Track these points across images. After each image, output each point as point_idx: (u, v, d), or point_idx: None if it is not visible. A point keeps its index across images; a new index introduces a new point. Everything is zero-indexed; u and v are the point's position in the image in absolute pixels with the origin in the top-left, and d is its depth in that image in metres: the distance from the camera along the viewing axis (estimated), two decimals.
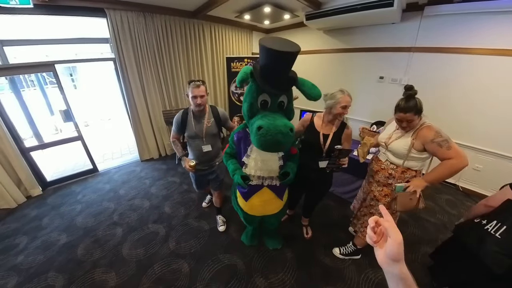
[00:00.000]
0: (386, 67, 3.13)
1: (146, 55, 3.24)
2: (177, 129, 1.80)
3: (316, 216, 2.36)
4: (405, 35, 2.84)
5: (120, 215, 2.51)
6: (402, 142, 1.38)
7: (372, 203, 1.61)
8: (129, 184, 3.15)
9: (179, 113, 1.78)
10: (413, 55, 2.84)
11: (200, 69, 4.00)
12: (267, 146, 1.13)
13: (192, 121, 1.75)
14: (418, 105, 1.25)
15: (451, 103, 2.72)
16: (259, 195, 1.52)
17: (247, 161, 1.41)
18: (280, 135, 1.08)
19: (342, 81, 3.70)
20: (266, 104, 1.22)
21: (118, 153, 4.32)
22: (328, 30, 3.67)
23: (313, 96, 1.23)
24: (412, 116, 1.27)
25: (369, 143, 1.67)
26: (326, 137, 1.59)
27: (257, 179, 1.45)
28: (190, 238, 2.17)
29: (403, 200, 1.35)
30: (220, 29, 4.02)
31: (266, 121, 1.10)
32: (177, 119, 1.77)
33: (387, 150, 1.50)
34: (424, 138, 1.28)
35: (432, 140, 1.25)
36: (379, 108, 3.37)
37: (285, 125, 1.10)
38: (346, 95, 1.48)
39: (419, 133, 1.31)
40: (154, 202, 2.74)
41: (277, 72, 1.15)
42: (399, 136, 1.42)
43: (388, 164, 1.50)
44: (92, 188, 3.07)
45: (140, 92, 3.36)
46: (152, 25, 3.17)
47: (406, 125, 1.33)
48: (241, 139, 1.43)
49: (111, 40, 2.90)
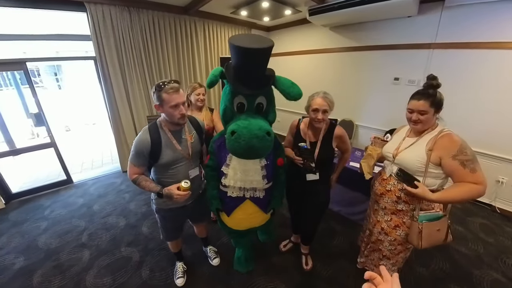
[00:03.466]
0: (402, 67, 3.05)
1: (131, 55, 3.22)
2: (144, 160, 1.34)
3: (318, 242, 2.20)
4: (424, 29, 2.76)
5: (90, 235, 2.41)
6: (415, 153, 1.22)
7: (380, 238, 1.44)
8: (105, 198, 3.08)
9: (144, 135, 1.31)
10: (434, 53, 2.74)
11: (192, 71, 3.99)
12: (242, 153, 1.15)
13: (171, 141, 1.37)
14: (438, 97, 1.14)
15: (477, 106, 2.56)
16: (242, 209, 1.51)
17: (226, 170, 1.39)
18: (255, 139, 1.09)
19: (351, 83, 3.64)
20: (242, 107, 1.24)
21: (99, 162, 4.28)
22: (335, 27, 3.63)
23: (292, 95, 1.23)
24: (426, 106, 1.14)
25: (375, 153, 1.46)
26: (314, 145, 1.52)
27: (238, 191, 1.43)
28: (167, 267, 2.02)
29: (430, 232, 1.19)
30: (215, 26, 4.03)
31: (240, 124, 1.12)
32: (144, 146, 1.30)
33: (393, 164, 1.33)
34: (444, 150, 1.12)
35: (454, 156, 1.09)
36: (394, 114, 3.26)
37: (260, 128, 1.11)
38: (318, 97, 1.41)
39: (437, 141, 1.15)
40: (132, 220, 2.64)
41: (249, 71, 1.17)
42: (410, 145, 1.26)
43: (395, 184, 1.32)
44: (62, 202, 2.99)
45: (124, 95, 3.33)
46: (138, 22, 3.16)
47: (417, 119, 1.19)
48: (220, 147, 1.42)
49: (92, 37, 2.89)
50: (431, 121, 1.19)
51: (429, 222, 1.19)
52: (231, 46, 1.10)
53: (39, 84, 7.47)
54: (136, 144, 1.31)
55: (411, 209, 1.29)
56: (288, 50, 4.48)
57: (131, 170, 1.37)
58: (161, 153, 1.33)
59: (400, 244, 1.36)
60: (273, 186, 1.52)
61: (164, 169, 1.40)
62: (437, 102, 1.14)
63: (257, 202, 1.49)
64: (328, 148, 1.51)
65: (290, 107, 4.71)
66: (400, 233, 1.34)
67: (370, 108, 3.48)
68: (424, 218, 1.21)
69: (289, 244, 2.19)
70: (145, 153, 1.31)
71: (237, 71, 1.18)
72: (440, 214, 1.22)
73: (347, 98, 3.68)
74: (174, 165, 1.40)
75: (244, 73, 1.18)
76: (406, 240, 1.33)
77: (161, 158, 1.34)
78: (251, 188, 1.43)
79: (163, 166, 1.38)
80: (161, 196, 1.34)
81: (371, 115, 3.49)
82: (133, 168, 1.36)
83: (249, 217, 1.55)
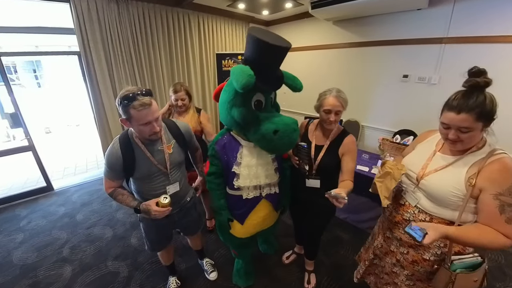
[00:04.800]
0: (412, 64, 3.02)
1: (119, 50, 3.14)
2: (118, 174, 1.30)
3: (324, 252, 2.16)
4: (435, 23, 2.72)
5: (73, 249, 2.32)
6: (450, 179, 0.95)
7: (395, 270, 1.24)
8: (90, 207, 2.99)
9: (114, 149, 1.25)
10: (446, 48, 2.71)
11: (186, 68, 3.93)
12: (283, 149, 1.26)
13: (145, 153, 1.29)
14: (488, 105, 0.83)
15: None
16: (257, 211, 1.49)
17: (239, 170, 1.37)
18: (294, 133, 1.21)
19: (357, 82, 3.61)
20: (260, 104, 1.27)
21: (83, 167, 4.22)
22: (339, 21, 3.61)
23: (298, 88, 1.31)
24: (470, 121, 0.84)
25: (398, 173, 1.09)
26: (320, 149, 1.45)
27: (254, 190, 1.43)
28: (159, 282, 1.95)
29: (465, 284, 0.96)
30: (210, 20, 3.98)
31: (277, 122, 1.19)
32: (115, 160, 1.24)
33: (417, 188, 1.06)
34: (490, 182, 0.86)
35: (498, 195, 0.85)
36: (403, 113, 3.23)
37: (294, 122, 1.22)
38: (331, 96, 1.34)
39: (485, 168, 0.88)
40: (119, 231, 2.57)
41: (272, 68, 1.23)
42: (443, 166, 0.99)
43: (415, 213, 1.07)
44: (42, 211, 2.89)
45: (111, 94, 3.23)
46: (127, 14, 3.09)
47: (456, 138, 0.90)
48: (225, 147, 1.40)
49: (76, 30, 2.80)
50: (477, 139, 0.91)
51: (466, 273, 0.94)
52: (255, 41, 1.11)
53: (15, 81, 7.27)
54: (108, 158, 1.27)
55: (436, 245, 1.04)
56: None
57: (106, 184, 1.34)
58: (135, 167, 1.28)
59: (420, 280, 1.15)
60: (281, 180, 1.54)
61: (140, 183, 1.36)
62: (487, 114, 0.83)
63: (272, 199, 1.50)
64: (334, 155, 1.42)
65: (293, 108, 4.68)
66: (419, 269, 1.11)
67: (377, 108, 3.44)
68: (459, 267, 0.95)
69: (293, 256, 2.14)
70: (117, 168, 1.27)
71: (256, 68, 1.13)
72: (479, 260, 0.97)
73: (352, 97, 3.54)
74: (150, 179, 1.34)
75: (265, 70, 1.19)
76: (428, 278, 1.10)
77: (136, 172, 1.30)
78: (266, 185, 1.43)
79: (138, 180, 1.35)
80: (139, 212, 1.29)
81: (379, 115, 3.45)
82: (108, 182, 1.33)
83: (262, 220, 1.54)
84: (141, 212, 1.28)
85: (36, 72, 7.61)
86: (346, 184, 1.33)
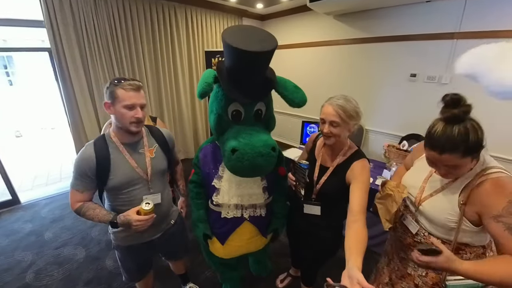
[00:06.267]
0: (420, 61, 2.99)
1: (96, 47, 3.05)
2: (89, 183, 1.20)
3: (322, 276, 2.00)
4: (446, 16, 2.69)
5: (38, 273, 2.19)
6: (445, 204, 0.97)
7: None
8: (61, 223, 2.86)
9: (86, 151, 1.18)
10: (457, 44, 2.67)
11: (172, 67, 3.89)
12: (245, 173, 1.14)
13: (124, 156, 1.23)
14: (471, 138, 0.81)
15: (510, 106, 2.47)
16: (240, 234, 1.43)
17: (219, 184, 1.32)
18: (260, 158, 1.08)
19: (360, 81, 3.57)
20: (239, 115, 1.19)
21: (56, 175, 4.07)
22: (340, 15, 3.58)
23: (297, 102, 1.19)
24: (456, 160, 0.85)
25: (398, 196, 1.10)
26: (325, 170, 1.32)
27: (235, 209, 1.37)
28: None
29: None
30: (199, 14, 3.93)
31: (241, 140, 1.10)
32: (87, 164, 1.16)
33: (418, 212, 1.08)
34: (482, 206, 0.87)
35: (497, 217, 0.83)
36: (410, 116, 3.19)
37: (265, 144, 1.10)
38: (327, 104, 1.22)
39: (475, 191, 0.89)
40: (93, 251, 2.44)
41: (248, 76, 1.14)
42: (438, 190, 1.01)
43: (425, 235, 1.07)
44: (4, 229, 2.75)
45: (87, 94, 3.15)
46: (105, 6, 3.01)
47: (446, 172, 0.93)
48: (208, 156, 1.38)
49: (46, 23, 2.69)
50: (468, 168, 0.91)
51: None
52: (226, 46, 1.04)
53: None
54: (77, 164, 1.18)
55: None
56: (285, 43, 4.41)
57: (73, 198, 1.21)
58: (110, 173, 1.19)
59: None
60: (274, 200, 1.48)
61: (115, 193, 1.26)
62: (473, 147, 0.82)
63: (257, 223, 1.43)
64: (339, 180, 1.27)
65: (289, 109, 4.56)
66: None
67: (383, 110, 3.40)
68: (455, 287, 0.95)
69: (288, 278, 2.06)
70: (90, 174, 1.18)
71: (233, 74, 1.13)
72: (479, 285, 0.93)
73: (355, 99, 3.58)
74: (127, 188, 1.25)
75: (242, 78, 1.13)
76: None
77: (110, 179, 1.20)
78: (250, 205, 1.37)
79: (113, 190, 1.25)
80: (116, 226, 1.19)
81: (384, 118, 3.41)
82: (76, 195, 1.21)
83: (247, 243, 1.48)
84: (118, 226, 1.19)
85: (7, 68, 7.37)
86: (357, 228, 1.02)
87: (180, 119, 4.22)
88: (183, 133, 4.32)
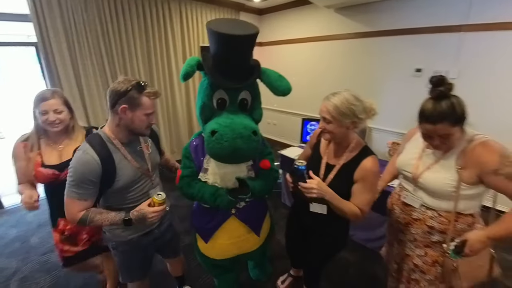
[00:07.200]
0: (425, 56, 3.02)
1: (85, 41, 3.05)
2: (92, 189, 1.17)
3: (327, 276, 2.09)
4: (453, 8, 2.71)
5: (23, 281, 2.16)
6: (443, 173, 1.14)
7: (415, 277, 1.31)
8: (48, 227, 2.72)
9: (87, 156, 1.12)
10: (465, 36, 2.69)
11: (166, 63, 3.90)
12: (225, 155, 1.19)
13: (126, 158, 1.26)
14: (458, 109, 1.02)
15: None
16: (226, 231, 1.47)
17: (204, 177, 1.40)
18: (239, 139, 1.14)
19: (363, 77, 3.60)
20: (223, 103, 1.28)
21: None
22: (341, 8, 3.61)
23: (281, 90, 1.29)
24: (447, 127, 1.03)
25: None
26: (331, 169, 1.32)
27: None
28: None
29: (469, 269, 1.13)
30: (194, 8, 3.95)
31: (221, 123, 1.17)
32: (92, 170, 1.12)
33: (416, 187, 1.24)
34: (480, 165, 1.04)
35: (496, 171, 1.00)
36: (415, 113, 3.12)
37: (245, 127, 1.17)
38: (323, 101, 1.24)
39: (469, 156, 1.07)
40: None
41: (232, 62, 1.24)
42: (434, 162, 1.18)
43: (423, 211, 1.23)
44: None
45: (76, 92, 3.12)
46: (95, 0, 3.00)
47: (440, 143, 1.10)
48: (198, 149, 1.43)
49: (32, 17, 2.67)
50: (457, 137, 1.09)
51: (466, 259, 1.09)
52: (210, 32, 1.15)
53: None
54: (79, 171, 1.12)
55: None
56: (284, 38, 4.43)
57: (74, 208, 1.16)
58: (116, 175, 1.21)
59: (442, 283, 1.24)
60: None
61: (121, 194, 1.29)
62: (459, 116, 1.02)
63: (245, 219, 1.47)
64: (347, 180, 1.27)
65: (289, 108, 4.55)
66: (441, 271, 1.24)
67: (386, 107, 3.40)
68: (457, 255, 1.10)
69: (288, 279, 2.07)
70: (95, 180, 1.15)
71: (217, 61, 1.23)
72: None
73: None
74: (132, 186, 1.30)
75: (226, 64, 1.23)
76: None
77: (117, 181, 1.22)
78: None
79: (119, 190, 1.27)
80: (130, 224, 1.20)
81: (388, 116, 3.42)
82: (78, 205, 1.16)
83: (237, 241, 1.51)
84: (131, 224, 1.21)
85: None
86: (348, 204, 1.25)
87: (174, 119, 4.23)
88: (178, 133, 4.32)
